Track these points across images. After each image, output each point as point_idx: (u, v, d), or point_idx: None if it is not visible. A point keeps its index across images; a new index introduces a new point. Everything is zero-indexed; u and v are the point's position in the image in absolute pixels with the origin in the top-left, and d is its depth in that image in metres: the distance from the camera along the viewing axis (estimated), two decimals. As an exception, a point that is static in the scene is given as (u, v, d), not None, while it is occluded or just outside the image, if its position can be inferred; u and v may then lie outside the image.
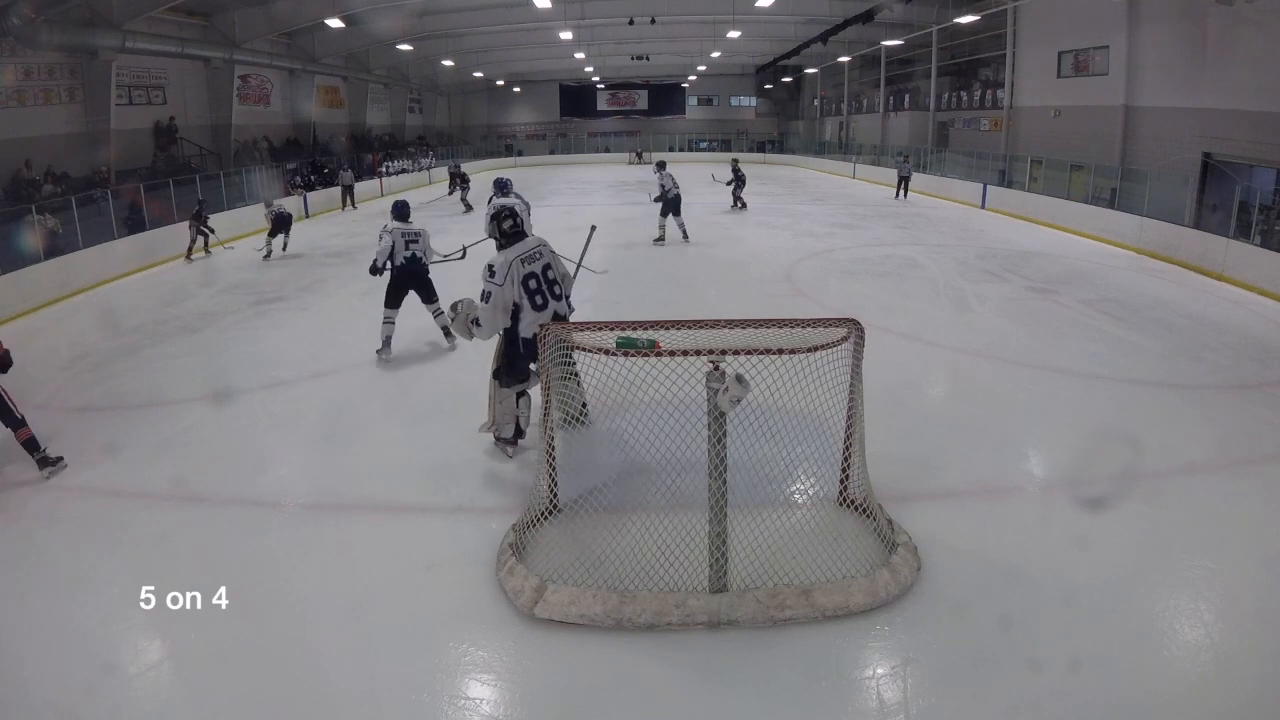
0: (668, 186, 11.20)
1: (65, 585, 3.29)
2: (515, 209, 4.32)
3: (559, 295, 4.20)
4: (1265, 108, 11.20)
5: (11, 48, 12.05)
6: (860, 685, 2.69)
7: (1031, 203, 14.61)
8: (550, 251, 4.25)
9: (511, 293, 4.05)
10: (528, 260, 4.10)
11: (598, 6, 19.52)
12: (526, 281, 4.06)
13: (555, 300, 4.17)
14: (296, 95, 21.25)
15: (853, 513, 3.55)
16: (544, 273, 4.13)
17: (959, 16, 17.45)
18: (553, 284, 4.17)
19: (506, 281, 4.03)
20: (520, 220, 4.26)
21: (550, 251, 4.25)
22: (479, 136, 35.08)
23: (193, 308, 8.51)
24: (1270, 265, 8.61)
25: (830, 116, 31.73)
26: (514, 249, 4.12)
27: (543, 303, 4.10)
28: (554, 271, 4.21)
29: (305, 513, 3.92)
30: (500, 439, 4.42)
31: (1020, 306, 7.90)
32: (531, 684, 2.73)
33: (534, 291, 4.08)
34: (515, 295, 4.06)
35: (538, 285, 4.09)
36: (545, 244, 4.26)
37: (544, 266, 4.15)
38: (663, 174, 11.37)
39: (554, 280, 4.18)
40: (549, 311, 4.12)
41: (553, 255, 4.26)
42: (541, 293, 4.11)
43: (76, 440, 4.88)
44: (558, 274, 4.24)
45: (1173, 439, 4.61)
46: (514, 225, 4.19)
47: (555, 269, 4.23)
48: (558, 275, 4.23)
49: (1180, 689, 2.68)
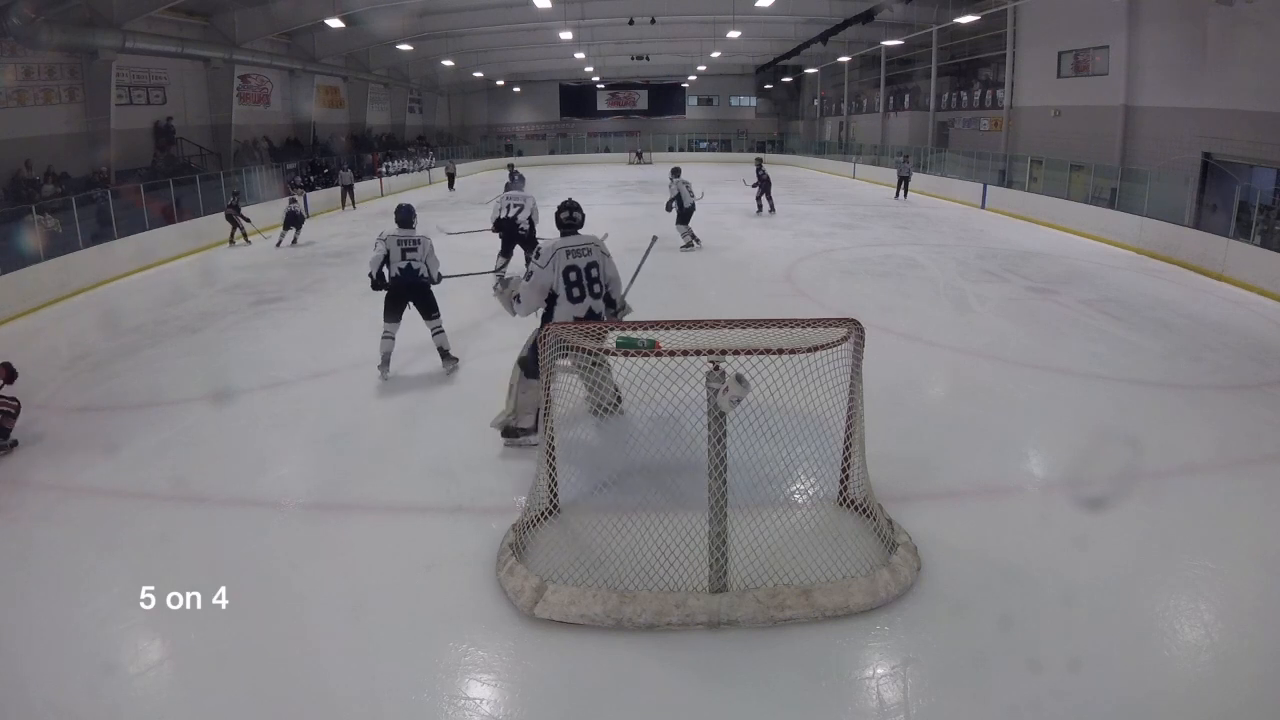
0: (682, 195, 10.81)
1: (65, 585, 3.29)
2: (576, 202, 4.48)
3: (598, 294, 4.30)
4: (1265, 108, 11.20)
5: (11, 48, 12.05)
6: (860, 685, 2.69)
7: (1031, 203, 14.60)
8: (603, 253, 4.36)
9: (551, 278, 4.20)
10: (573, 253, 4.24)
11: (598, 6, 19.52)
12: (567, 273, 4.20)
13: (593, 298, 4.27)
14: (296, 95, 21.25)
15: (853, 513, 3.55)
16: (587, 269, 4.25)
17: (959, 16, 17.45)
18: (594, 282, 4.27)
19: (549, 267, 4.18)
20: (578, 215, 4.41)
21: (603, 253, 4.36)
22: (479, 136, 35.08)
23: (193, 308, 8.51)
24: (1270, 265, 8.61)
25: (830, 116, 31.74)
26: (564, 239, 4.29)
27: (579, 296, 4.23)
28: (599, 271, 4.30)
29: (305, 513, 3.92)
30: (518, 430, 4.40)
31: (1020, 306, 7.90)
32: (531, 684, 2.73)
33: (572, 284, 4.21)
34: (554, 282, 4.20)
35: (577, 278, 4.22)
36: (598, 244, 4.38)
37: (589, 264, 4.27)
38: (676, 181, 10.93)
39: (596, 279, 4.28)
40: (584, 306, 4.24)
41: (604, 257, 4.37)
42: (580, 286, 4.22)
43: (76, 440, 4.89)
44: (604, 275, 4.34)
45: (1173, 439, 4.61)
46: (570, 218, 4.37)
47: (603, 270, 4.33)
48: (604, 275, 4.33)
49: (1180, 689, 2.68)
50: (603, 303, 4.35)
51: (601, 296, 4.32)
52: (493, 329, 6.58)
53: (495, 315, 6.19)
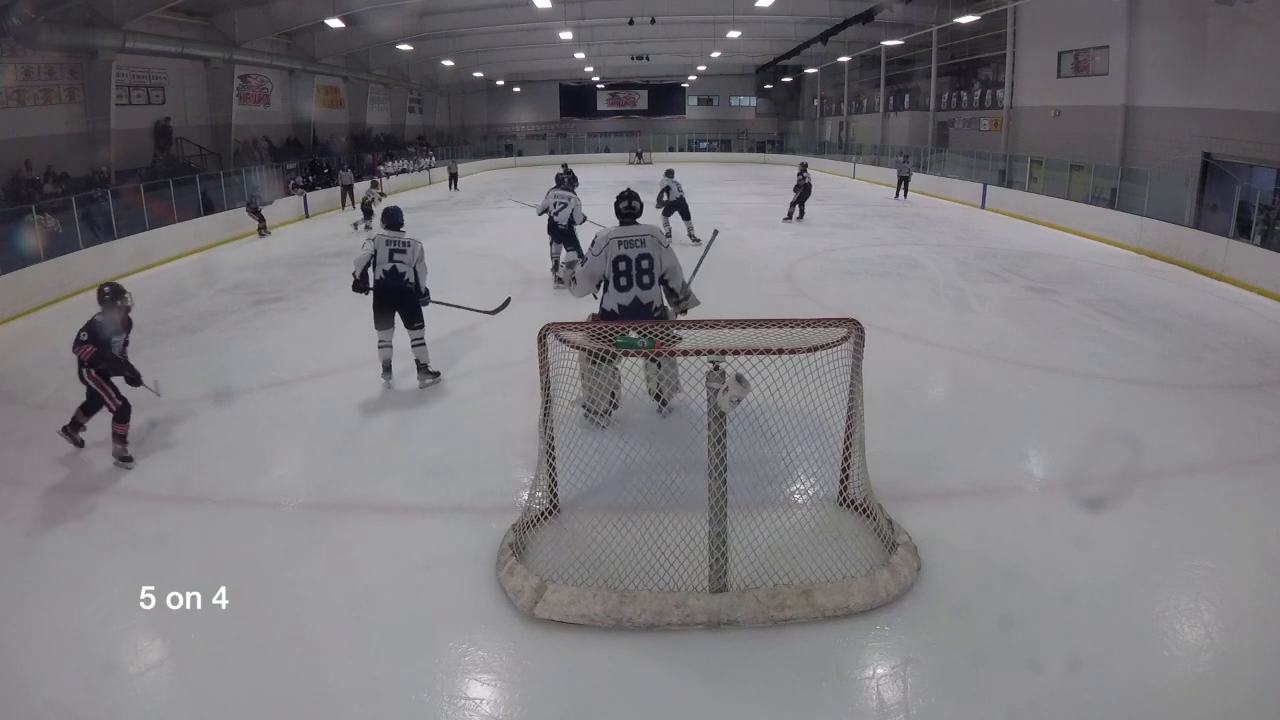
0: (670, 189, 11.34)
1: (65, 585, 3.29)
2: (635, 192, 4.67)
3: (648, 285, 4.40)
4: (1265, 108, 11.20)
5: (11, 48, 12.05)
6: (860, 685, 2.69)
7: (1031, 203, 14.61)
8: (659, 245, 4.47)
9: (603, 267, 4.37)
10: (626, 244, 4.39)
11: (598, 6, 19.52)
12: (617, 262, 4.35)
13: (641, 288, 4.38)
14: (296, 95, 21.24)
15: (853, 513, 3.55)
16: (638, 260, 4.37)
17: (959, 16, 17.45)
18: (643, 273, 4.38)
19: (601, 255, 4.37)
20: (636, 204, 4.60)
21: (659, 245, 4.47)
22: (479, 136, 35.07)
23: (193, 308, 8.51)
24: (1270, 265, 8.61)
25: (830, 116, 31.74)
26: (619, 229, 4.46)
27: (626, 285, 4.36)
28: (652, 263, 4.39)
29: (305, 513, 3.92)
30: (592, 413, 4.40)
31: (1020, 306, 7.90)
32: (531, 684, 2.73)
33: (620, 273, 4.35)
34: (605, 270, 4.37)
35: (626, 268, 4.36)
36: (655, 235, 4.50)
37: (640, 255, 4.38)
38: (668, 179, 11.49)
39: (647, 270, 4.38)
40: (631, 295, 4.38)
41: (660, 248, 4.46)
42: (629, 275, 4.36)
43: (76, 440, 4.88)
44: (659, 266, 4.43)
45: (1173, 439, 4.61)
46: (629, 207, 4.57)
47: (657, 260, 4.42)
48: (658, 266, 4.43)
49: (1180, 689, 2.68)
50: (658, 292, 4.48)
51: (653, 286, 4.44)
52: (490, 333, 6.57)
53: (500, 317, 6.17)
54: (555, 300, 7.93)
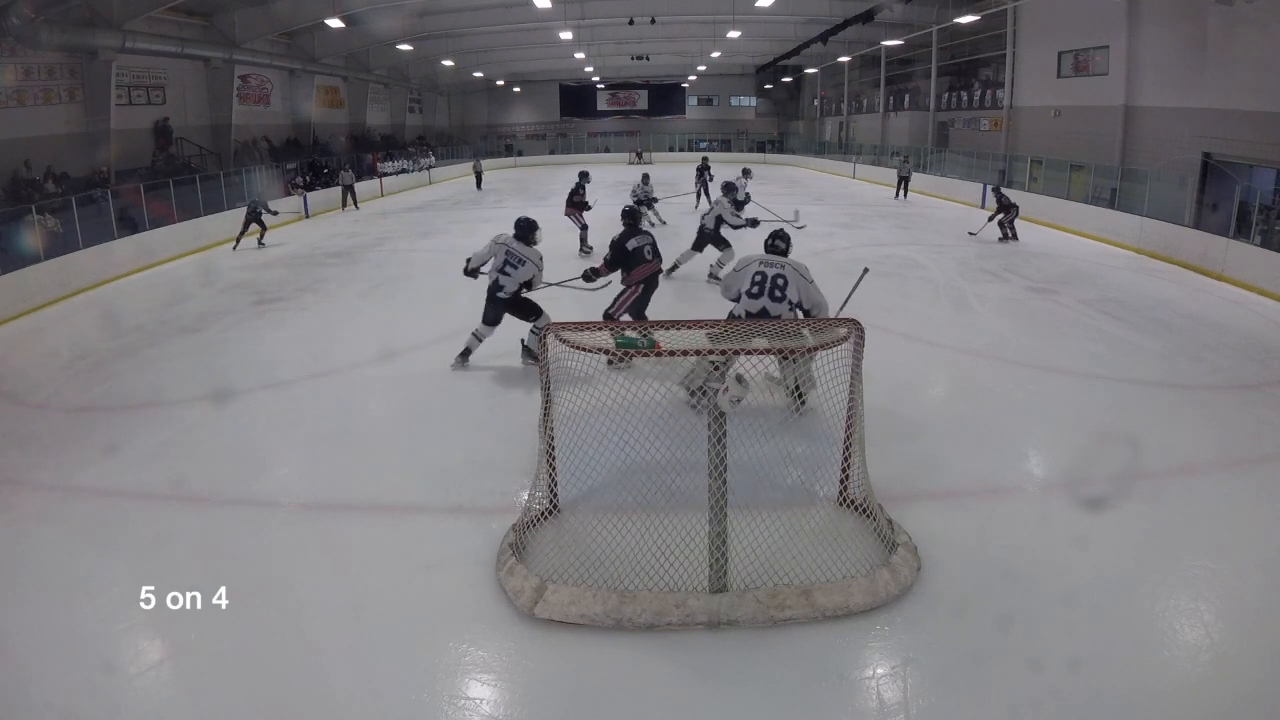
0: (638, 192, 12.04)
1: (65, 585, 3.29)
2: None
3: (779, 299, 4.67)
4: (1265, 108, 11.19)
5: (11, 48, 12.05)
6: (860, 685, 2.69)
7: (1031, 203, 14.58)
8: (802, 278, 4.75)
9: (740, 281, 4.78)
10: (765, 263, 4.78)
11: (598, 6, 19.51)
12: (754, 276, 4.73)
13: (774, 301, 4.70)
14: (296, 95, 21.23)
15: (853, 513, 3.55)
16: (774, 279, 4.66)
17: (959, 16, 17.44)
18: (776, 288, 4.69)
19: (741, 271, 4.82)
20: (780, 243, 5.03)
21: (802, 278, 4.75)
22: (479, 136, 35.05)
23: (193, 308, 8.51)
24: (1270, 265, 8.60)
25: (830, 116, 31.72)
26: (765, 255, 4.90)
27: (757, 294, 4.70)
28: (786, 282, 4.71)
29: (305, 513, 3.92)
30: (693, 390, 4.29)
31: (1020, 306, 7.90)
32: (531, 684, 2.73)
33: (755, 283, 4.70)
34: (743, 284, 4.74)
35: (761, 280, 4.69)
36: (796, 267, 4.78)
37: (776, 274, 4.69)
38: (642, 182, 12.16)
39: (782, 287, 4.69)
40: (759, 304, 4.68)
41: (803, 281, 4.75)
42: (761, 287, 4.65)
43: (76, 440, 4.89)
44: (799, 294, 4.70)
45: (1173, 439, 4.61)
46: (772, 244, 5.01)
47: (791, 284, 4.70)
48: (796, 294, 4.70)
49: (1180, 689, 2.68)
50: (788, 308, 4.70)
51: (784, 301, 4.65)
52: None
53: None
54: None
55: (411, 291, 9.32)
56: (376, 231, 14.08)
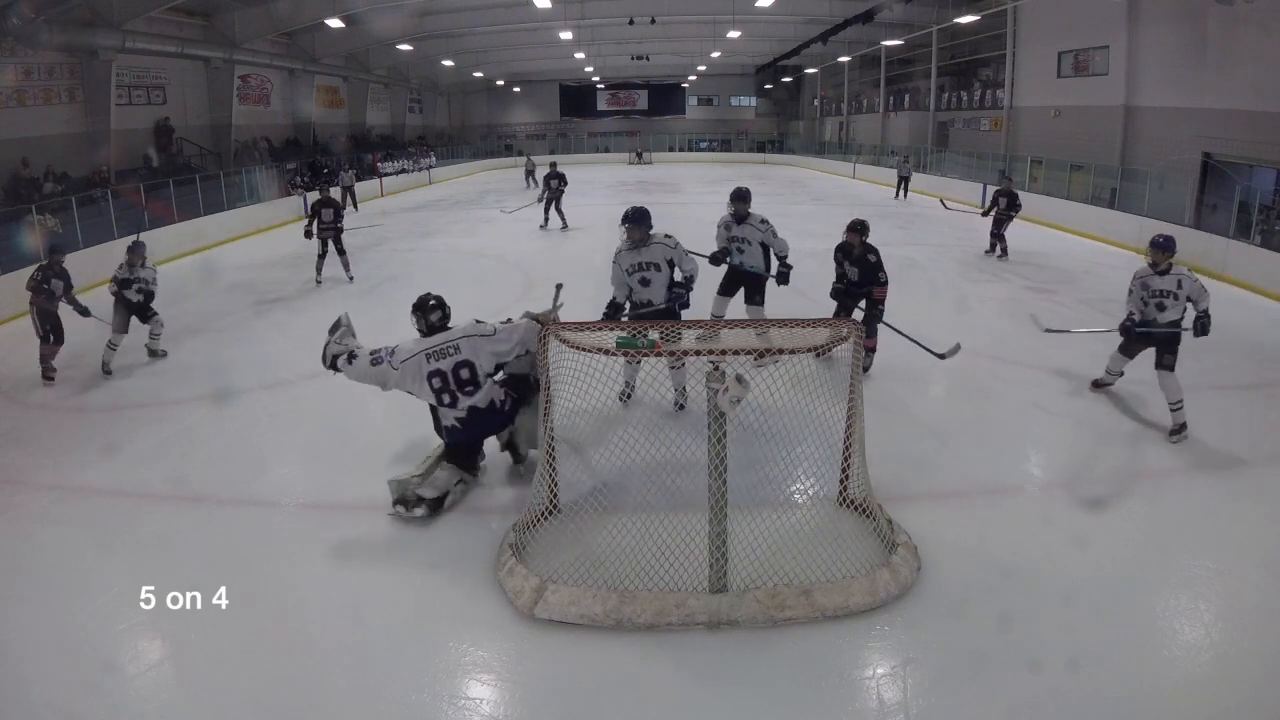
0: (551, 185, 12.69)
1: (65, 585, 3.29)
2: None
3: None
4: (1265, 108, 11.19)
5: (11, 48, 12.04)
6: (860, 685, 2.69)
7: (1031, 203, 14.54)
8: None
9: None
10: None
11: (598, 6, 19.51)
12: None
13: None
14: (296, 95, 21.23)
15: (853, 513, 3.55)
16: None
17: (959, 16, 17.45)
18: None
19: None
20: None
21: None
22: (479, 136, 35.06)
23: (193, 308, 8.50)
24: (1270, 265, 8.61)
25: (830, 116, 31.73)
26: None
27: (450, 402, 3.85)
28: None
29: (305, 513, 3.92)
30: (411, 499, 3.75)
31: (1020, 306, 7.89)
32: (531, 684, 2.73)
33: (439, 390, 3.85)
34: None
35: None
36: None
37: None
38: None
39: None
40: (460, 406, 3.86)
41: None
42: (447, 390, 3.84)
43: (76, 440, 4.89)
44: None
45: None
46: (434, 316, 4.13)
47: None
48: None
49: (1180, 689, 2.68)
50: None
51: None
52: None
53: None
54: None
55: (411, 291, 9.13)
56: (377, 232, 14.07)
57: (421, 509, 3.72)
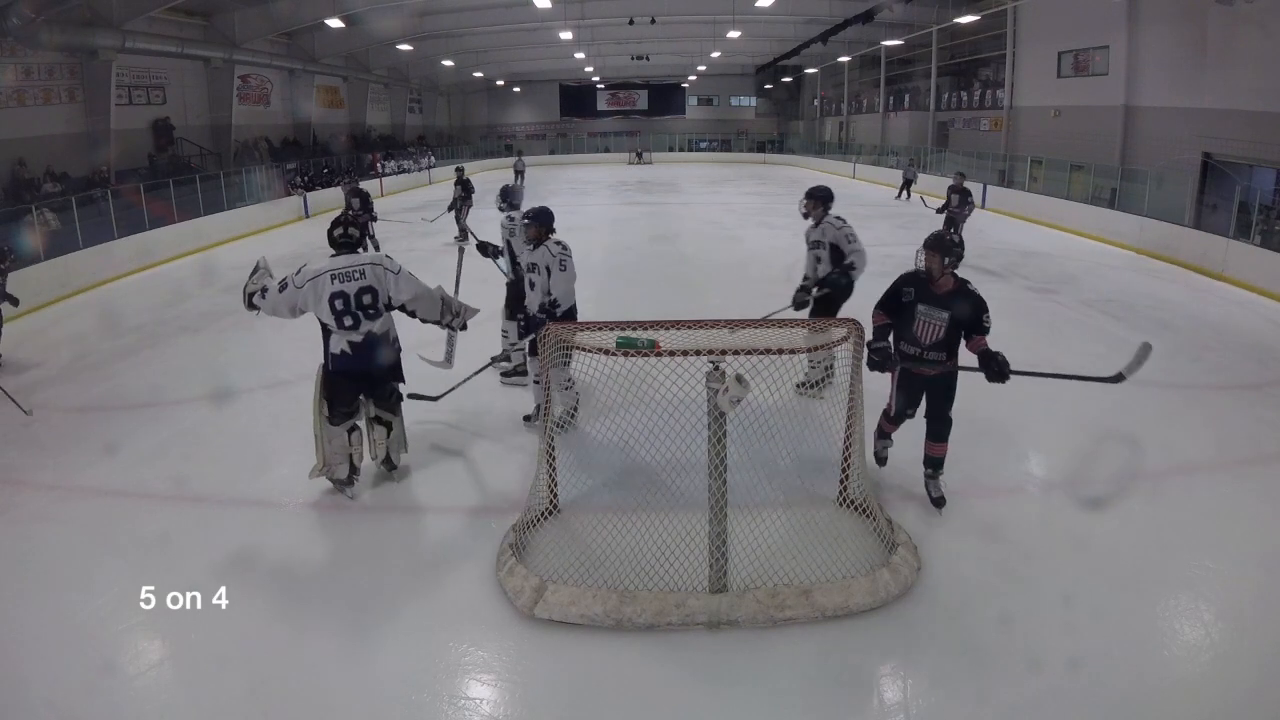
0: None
1: (65, 585, 3.29)
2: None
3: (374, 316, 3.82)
4: (1265, 108, 11.20)
5: (11, 48, 12.05)
6: (860, 685, 2.69)
7: (1031, 203, 14.60)
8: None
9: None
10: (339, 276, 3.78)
11: (598, 6, 19.51)
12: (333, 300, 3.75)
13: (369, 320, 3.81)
14: (296, 95, 21.24)
15: (853, 513, 3.55)
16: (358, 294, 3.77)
17: (959, 16, 17.45)
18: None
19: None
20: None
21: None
22: (479, 136, 35.06)
23: (193, 308, 8.51)
24: (1270, 265, 8.61)
25: (830, 116, 31.74)
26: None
27: (352, 324, 3.76)
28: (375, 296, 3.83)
29: (305, 512, 3.91)
30: (335, 481, 3.96)
31: (1020, 306, 7.90)
32: (531, 684, 2.73)
33: (340, 312, 3.73)
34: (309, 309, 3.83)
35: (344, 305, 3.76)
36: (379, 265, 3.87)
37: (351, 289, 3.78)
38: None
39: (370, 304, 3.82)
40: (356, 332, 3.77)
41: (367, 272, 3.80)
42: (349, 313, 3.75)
43: (76, 440, 4.88)
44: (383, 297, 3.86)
45: (1173, 439, 4.61)
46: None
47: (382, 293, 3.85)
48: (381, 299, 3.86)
49: (1180, 689, 2.68)
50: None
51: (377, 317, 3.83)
52: (489, 332, 6.56)
53: (497, 316, 6.16)
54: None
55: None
56: (376, 231, 14.05)
57: (350, 487, 3.95)
